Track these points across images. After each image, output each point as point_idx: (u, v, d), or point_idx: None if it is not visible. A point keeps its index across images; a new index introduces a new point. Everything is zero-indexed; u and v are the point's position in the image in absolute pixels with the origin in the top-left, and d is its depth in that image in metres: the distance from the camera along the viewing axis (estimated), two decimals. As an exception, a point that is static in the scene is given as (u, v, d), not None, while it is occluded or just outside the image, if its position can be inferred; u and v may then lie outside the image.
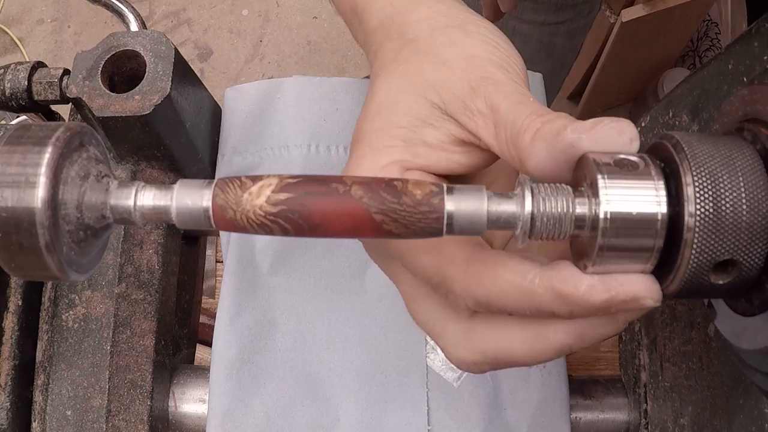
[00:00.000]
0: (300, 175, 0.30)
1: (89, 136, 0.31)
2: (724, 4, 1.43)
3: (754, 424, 0.38)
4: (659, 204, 0.29)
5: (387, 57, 0.38)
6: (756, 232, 0.29)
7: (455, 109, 0.35)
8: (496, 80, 0.34)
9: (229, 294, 0.59)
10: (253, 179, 0.29)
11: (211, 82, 1.89)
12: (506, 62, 0.36)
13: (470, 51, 0.36)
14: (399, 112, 0.36)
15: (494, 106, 0.33)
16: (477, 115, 0.34)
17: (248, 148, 0.63)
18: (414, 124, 0.35)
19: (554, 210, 0.29)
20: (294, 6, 1.98)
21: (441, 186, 0.30)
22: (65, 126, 0.29)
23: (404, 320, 0.58)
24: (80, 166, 0.29)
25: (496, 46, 0.36)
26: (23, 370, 0.54)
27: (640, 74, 1.50)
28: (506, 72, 0.35)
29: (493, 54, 0.36)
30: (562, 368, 0.58)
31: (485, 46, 0.36)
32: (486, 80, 0.34)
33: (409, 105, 0.36)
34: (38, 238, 0.27)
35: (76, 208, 0.29)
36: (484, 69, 0.35)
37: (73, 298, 0.56)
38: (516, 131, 0.32)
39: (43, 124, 0.29)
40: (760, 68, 0.36)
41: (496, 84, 0.34)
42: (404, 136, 0.35)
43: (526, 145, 0.31)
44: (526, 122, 0.31)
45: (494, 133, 0.33)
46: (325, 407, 0.57)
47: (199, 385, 0.59)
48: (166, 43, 0.55)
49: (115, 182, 0.31)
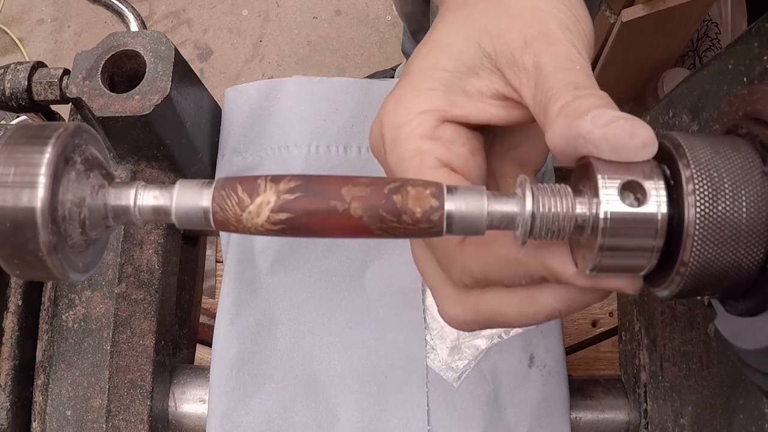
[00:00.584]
0: (298, 182, 0.29)
1: (89, 136, 0.31)
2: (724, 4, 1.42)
3: (754, 424, 0.38)
4: (659, 204, 0.29)
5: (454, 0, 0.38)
6: (756, 232, 0.29)
7: (504, 62, 0.34)
8: (552, 38, 0.34)
9: (229, 294, 0.59)
10: (249, 193, 0.29)
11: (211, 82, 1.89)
12: (572, 21, 0.35)
13: (538, 4, 0.35)
14: (449, 54, 0.36)
15: (540, 66, 0.33)
16: (522, 72, 0.34)
17: (248, 148, 0.63)
18: (460, 69, 0.35)
19: (554, 210, 0.29)
20: (294, 6, 1.98)
21: (441, 188, 0.30)
22: (65, 126, 0.29)
23: (404, 320, 0.58)
24: (80, 166, 0.29)
25: (568, 4, 0.36)
26: (23, 370, 0.54)
27: (640, 74, 1.49)
28: (568, 32, 0.34)
29: (561, 11, 0.35)
30: (562, 368, 0.58)
31: (556, 3, 0.35)
32: (542, 36, 0.34)
33: (461, 49, 0.36)
34: (38, 238, 0.27)
35: (76, 208, 0.29)
36: (545, 25, 0.34)
37: (73, 298, 0.56)
38: (548, 98, 0.31)
39: (43, 124, 0.29)
40: (760, 68, 0.36)
41: (550, 42, 0.33)
42: (447, 81, 0.35)
43: (552, 115, 0.31)
44: (560, 91, 0.31)
45: (533, 93, 0.33)
46: (325, 407, 0.57)
47: (199, 385, 0.59)
48: (166, 43, 0.55)
49: (115, 182, 0.31)
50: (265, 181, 0.29)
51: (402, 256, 0.60)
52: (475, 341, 0.58)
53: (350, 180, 0.30)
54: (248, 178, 0.30)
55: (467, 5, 0.37)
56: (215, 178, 0.31)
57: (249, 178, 0.30)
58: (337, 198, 0.29)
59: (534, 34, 0.34)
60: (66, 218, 0.28)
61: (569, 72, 0.32)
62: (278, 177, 0.29)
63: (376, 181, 0.30)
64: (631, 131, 0.29)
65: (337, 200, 0.29)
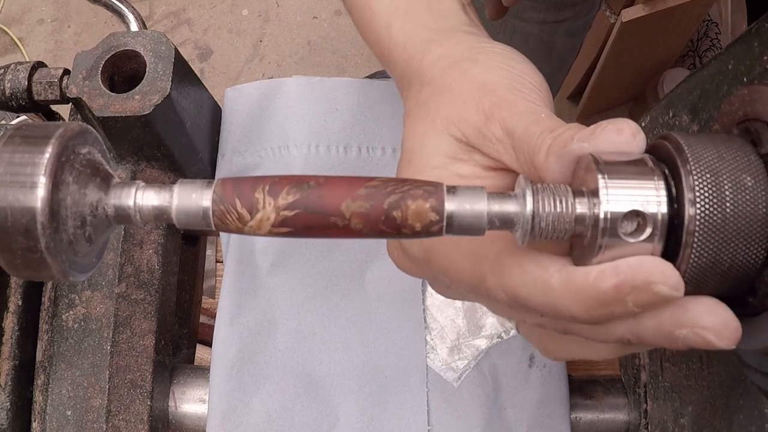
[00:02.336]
0: (296, 195, 0.29)
1: (89, 136, 0.31)
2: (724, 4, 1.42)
3: (754, 424, 0.38)
4: (659, 204, 0.29)
5: (411, 102, 0.40)
6: (756, 231, 0.29)
7: (476, 141, 0.36)
8: (508, 102, 0.35)
9: (229, 294, 0.59)
10: (249, 208, 0.29)
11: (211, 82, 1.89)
12: (518, 81, 0.36)
13: (480, 79, 0.36)
14: (428, 154, 0.37)
15: (510, 131, 0.34)
16: (496, 143, 0.35)
17: (248, 148, 0.63)
18: (444, 162, 0.37)
19: (554, 210, 0.29)
20: (294, 6, 1.98)
21: (442, 198, 0.30)
22: (65, 126, 0.29)
23: (404, 320, 0.59)
24: (80, 166, 0.29)
25: (507, 68, 0.37)
26: (23, 370, 0.54)
27: (640, 74, 1.49)
28: (518, 92, 0.36)
29: (504, 77, 0.36)
30: (562, 368, 0.58)
31: (496, 71, 0.37)
32: (498, 105, 0.35)
33: (435, 144, 0.37)
34: (38, 238, 0.27)
35: (76, 208, 0.29)
36: (495, 94, 0.35)
37: (73, 298, 0.56)
38: (531, 152, 0.32)
39: (43, 124, 0.29)
40: (760, 68, 0.36)
41: (509, 106, 0.35)
42: (438, 175, 0.36)
43: (541, 162, 0.32)
44: (539, 141, 0.32)
45: (514, 157, 0.34)
46: (325, 407, 0.57)
47: (199, 385, 0.59)
48: (166, 43, 0.55)
49: (115, 182, 0.31)
50: (263, 194, 0.29)
51: (402, 256, 0.60)
52: (475, 341, 0.58)
53: (349, 193, 0.29)
54: (246, 185, 0.29)
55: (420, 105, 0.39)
56: (215, 178, 0.31)
57: (246, 185, 0.29)
58: (336, 215, 0.29)
59: (489, 105, 0.35)
60: (66, 218, 0.28)
61: (539, 123, 0.33)
62: (276, 187, 0.29)
63: (375, 195, 0.29)
64: (617, 129, 0.29)
65: (337, 216, 0.29)
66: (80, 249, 0.30)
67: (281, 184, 0.29)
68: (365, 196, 0.29)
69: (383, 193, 0.29)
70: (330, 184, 0.29)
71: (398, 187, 0.29)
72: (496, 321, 0.59)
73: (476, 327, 0.59)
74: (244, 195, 0.29)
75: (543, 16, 0.99)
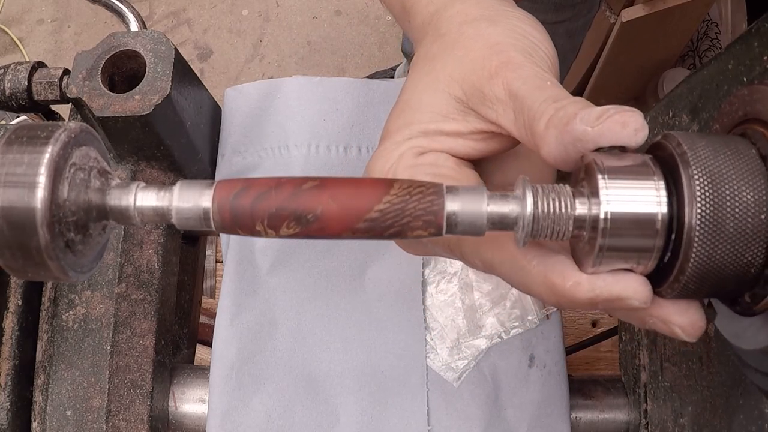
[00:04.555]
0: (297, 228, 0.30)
1: (89, 136, 0.31)
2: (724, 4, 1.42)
3: (754, 424, 0.38)
4: (659, 204, 0.29)
5: (420, 53, 0.40)
6: (756, 231, 0.29)
7: (476, 101, 0.35)
8: (515, 63, 0.34)
9: (229, 294, 0.59)
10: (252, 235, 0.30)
11: (211, 82, 1.89)
12: (531, 48, 0.36)
13: (494, 39, 0.36)
14: (421, 110, 0.37)
15: (513, 92, 0.33)
16: (497, 103, 0.34)
17: (248, 148, 0.63)
18: (435, 119, 0.37)
19: (555, 210, 0.29)
20: (294, 6, 1.98)
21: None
22: (65, 126, 0.29)
23: (404, 320, 0.58)
24: (80, 166, 0.29)
25: (524, 33, 0.37)
26: (23, 370, 0.54)
27: (640, 74, 1.49)
28: (529, 56, 0.35)
29: (518, 40, 0.36)
30: (562, 368, 0.58)
31: (511, 34, 0.36)
32: (506, 64, 0.34)
33: (431, 102, 0.37)
34: (38, 238, 0.27)
35: (76, 208, 0.29)
36: (506, 54, 0.35)
37: (73, 298, 0.56)
38: (532, 118, 0.32)
39: (43, 124, 0.29)
40: (760, 68, 0.36)
41: (516, 68, 0.34)
42: (423, 129, 0.37)
43: (540, 131, 0.31)
44: (541, 108, 0.32)
45: (513, 119, 0.34)
46: (325, 407, 0.57)
47: (199, 385, 0.59)
48: (166, 43, 0.55)
49: (115, 182, 0.31)
50: (264, 227, 0.30)
51: (402, 257, 0.60)
52: (475, 341, 0.58)
53: (349, 227, 0.30)
54: (244, 215, 0.29)
55: (429, 58, 0.38)
56: (215, 178, 0.31)
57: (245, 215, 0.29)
58: (337, 237, 0.30)
59: (497, 64, 0.35)
60: (66, 218, 0.28)
61: (543, 89, 0.33)
62: (275, 221, 0.29)
63: (374, 228, 0.30)
64: (622, 122, 0.29)
65: (338, 237, 0.30)
66: (80, 249, 0.30)
67: (279, 217, 0.29)
68: (364, 229, 0.30)
69: (382, 226, 0.30)
70: (329, 217, 0.29)
71: (398, 219, 0.29)
72: (496, 321, 0.59)
73: (476, 327, 0.59)
74: (245, 226, 0.30)
75: (542, 17, 0.99)
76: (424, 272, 0.60)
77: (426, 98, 0.37)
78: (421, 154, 0.36)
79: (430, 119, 0.37)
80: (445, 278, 0.60)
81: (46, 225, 0.27)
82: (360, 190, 0.29)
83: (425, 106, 0.37)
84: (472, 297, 0.59)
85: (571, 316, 1.05)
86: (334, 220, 0.29)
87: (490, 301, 0.59)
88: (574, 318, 1.07)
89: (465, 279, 0.60)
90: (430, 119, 0.37)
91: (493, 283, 0.60)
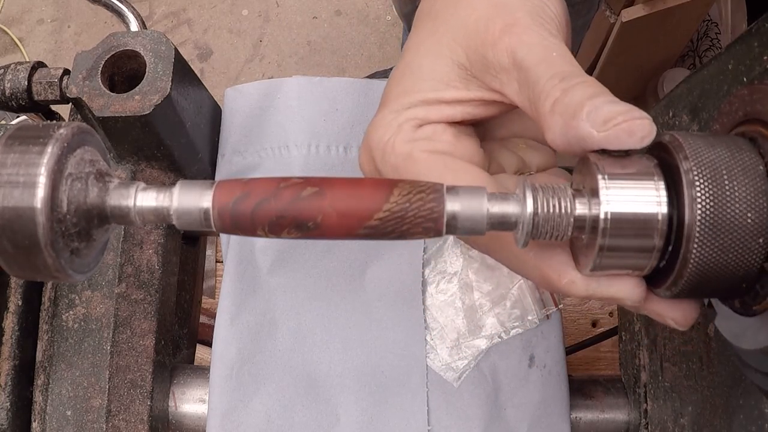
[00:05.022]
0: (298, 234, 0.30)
1: (89, 136, 0.31)
2: (724, 4, 1.42)
3: (754, 424, 0.38)
4: (659, 204, 0.29)
5: (424, 7, 0.38)
6: (756, 231, 0.28)
7: (479, 68, 0.35)
8: (521, 26, 0.33)
9: (229, 294, 0.59)
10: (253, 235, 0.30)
11: (211, 82, 1.89)
12: (540, 8, 0.35)
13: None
14: (422, 76, 0.36)
15: (517, 61, 0.33)
16: (501, 72, 0.34)
17: (248, 148, 0.63)
18: (436, 87, 0.36)
19: (555, 210, 0.29)
20: (294, 6, 1.98)
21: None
22: (65, 126, 0.29)
23: (404, 320, 0.58)
24: (80, 166, 0.29)
25: None
26: (23, 370, 0.54)
27: (640, 74, 1.49)
28: (537, 16, 0.34)
29: (528, 0, 0.35)
30: (562, 368, 0.58)
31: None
32: (510, 27, 0.33)
33: (434, 68, 0.36)
34: (38, 238, 0.27)
35: (75, 208, 0.29)
36: (512, 15, 0.34)
37: (73, 298, 0.56)
38: (537, 94, 0.31)
39: (42, 124, 0.29)
40: (760, 68, 0.36)
41: (520, 32, 0.33)
42: (423, 97, 0.36)
43: (545, 113, 0.31)
44: (547, 87, 0.31)
45: (518, 89, 0.33)
46: (325, 407, 0.57)
47: (199, 385, 0.59)
48: (166, 43, 0.55)
49: (115, 182, 0.31)
50: (265, 233, 0.30)
51: (402, 257, 0.60)
52: (475, 341, 0.58)
53: (350, 233, 0.30)
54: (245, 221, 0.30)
55: (432, 16, 0.37)
56: (215, 179, 0.31)
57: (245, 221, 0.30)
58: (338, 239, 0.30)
59: (502, 26, 0.34)
60: (65, 218, 0.28)
61: (550, 62, 0.32)
62: (275, 227, 0.29)
63: (375, 234, 0.30)
64: (629, 130, 0.29)
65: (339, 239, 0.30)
66: (80, 249, 0.30)
67: (280, 225, 0.29)
68: (365, 234, 0.30)
69: (383, 232, 0.30)
70: (329, 224, 0.30)
71: (398, 226, 0.30)
72: (496, 321, 0.59)
73: (476, 327, 0.59)
74: (246, 229, 0.30)
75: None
76: (424, 272, 0.60)
77: (427, 63, 0.36)
78: (420, 127, 0.36)
79: (431, 87, 0.36)
80: (445, 278, 0.60)
81: (45, 225, 0.27)
82: (360, 197, 0.29)
83: (426, 73, 0.36)
84: (472, 297, 0.59)
85: (571, 316, 1.05)
86: (334, 227, 0.30)
87: (490, 301, 0.59)
88: (574, 318, 1.07)
89: (465, 279, 0.60)
90: (431, 87, 0.36)
91: (493, 283, 0.60)
